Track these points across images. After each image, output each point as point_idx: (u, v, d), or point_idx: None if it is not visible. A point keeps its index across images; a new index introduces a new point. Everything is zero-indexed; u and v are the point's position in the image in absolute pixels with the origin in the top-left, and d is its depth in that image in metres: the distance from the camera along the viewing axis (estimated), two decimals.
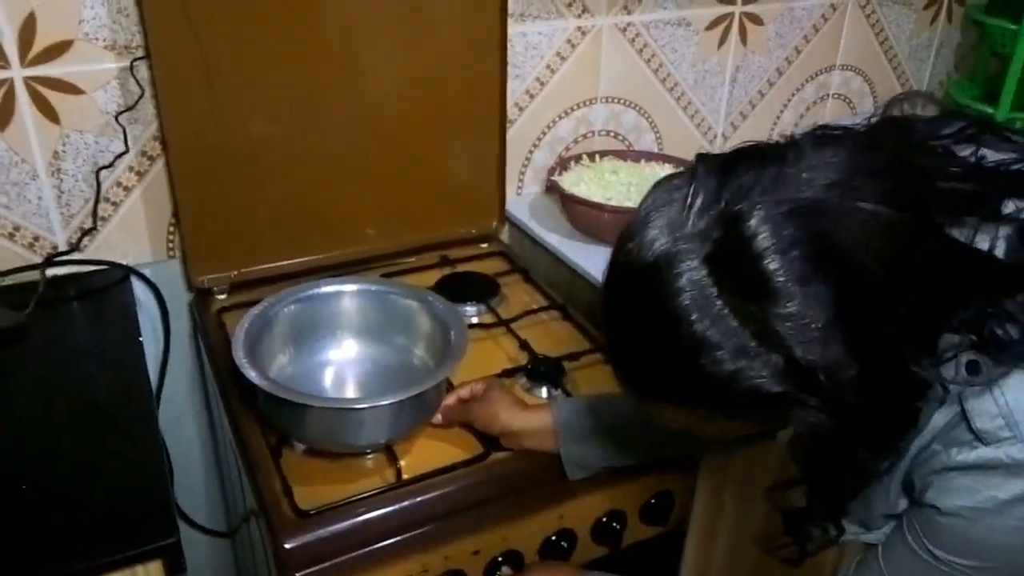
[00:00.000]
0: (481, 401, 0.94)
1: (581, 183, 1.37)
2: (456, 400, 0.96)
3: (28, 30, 1.04)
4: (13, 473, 0.85)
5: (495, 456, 0.93)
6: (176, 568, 0.81)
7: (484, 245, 1.39)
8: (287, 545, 0.83)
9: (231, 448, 1.05)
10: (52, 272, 1.16)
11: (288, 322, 0.99)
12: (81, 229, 1.18)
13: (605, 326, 0.64)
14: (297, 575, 0.83)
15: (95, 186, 1.15)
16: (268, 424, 0.95)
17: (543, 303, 1.24)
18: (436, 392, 0.92)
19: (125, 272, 1.20)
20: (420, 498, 0.88)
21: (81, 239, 1.18)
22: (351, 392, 1.03)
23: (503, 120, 1.33)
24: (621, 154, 1.47)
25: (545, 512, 0.95)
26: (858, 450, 0.63)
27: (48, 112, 1.09)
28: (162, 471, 0.87)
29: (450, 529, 0.90)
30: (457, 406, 0.96)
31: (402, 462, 0.92)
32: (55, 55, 1.07)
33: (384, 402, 0.85)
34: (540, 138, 1.47)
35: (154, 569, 0.79)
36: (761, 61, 1.62)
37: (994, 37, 1.67)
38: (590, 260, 1.27)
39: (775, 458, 1.18)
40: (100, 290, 1.18)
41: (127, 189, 1.19)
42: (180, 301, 1.25)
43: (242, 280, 1.21)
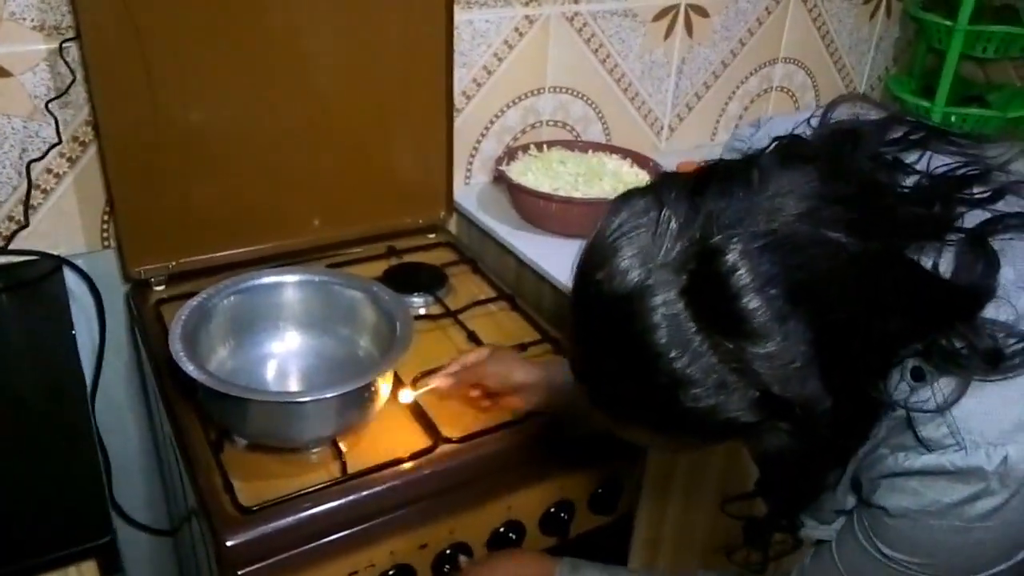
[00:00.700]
0: (493, 360, 0.94)
1: (529, 173, 1.37)
2: (461, 366, 0.96)
3: None
4: None
5: (442, 449, 0.92)
6: (111, 568, 0.78)
7: (432, 235, 1.38)
8: (228, 543, 0.81)
9: (171, 444, 1.02)
10: None
11: (228, 314, 0.96)
12: (9, 219, 1.13)
13: (574, 352, 0.64)
14: (239, 573, 0.81)
15: (24, 173, 1.11)
16: (208, 419, 0.92)
17: (491, 294, 1.23)
18: (381, 384, 0.91)
19: (57, 263, 1.16)
20: (365, 492, 0.87)
21: (10, 230, 1.13)
22: (295, 385, 1.01)
23: (450, 109, 1.32)
24: (569, 144, 1.47)
25: (493, 504, 0.95)
26: (818, 465, 0.64)
27: None
28: (96, 468, 0.84)
29: (396, 523, 0.89)
30: (469, 369, 0.95)
31: (347, 456, 0.90)
32: None
33: (328, 395, 0.84)
34: (488, 127, 1.46)
35: (88, 570, 0.77)
36: (707, 53, 1.63)
37: (930, 32, 1.72)
38: (538, 250, 1.27)
39: (720, 454, 1.20)
40: (30, 282, 1.13)
41: (58, 176, 1.14)
42: (116, 293, 1.21)
43: (181, 271, 1.18)
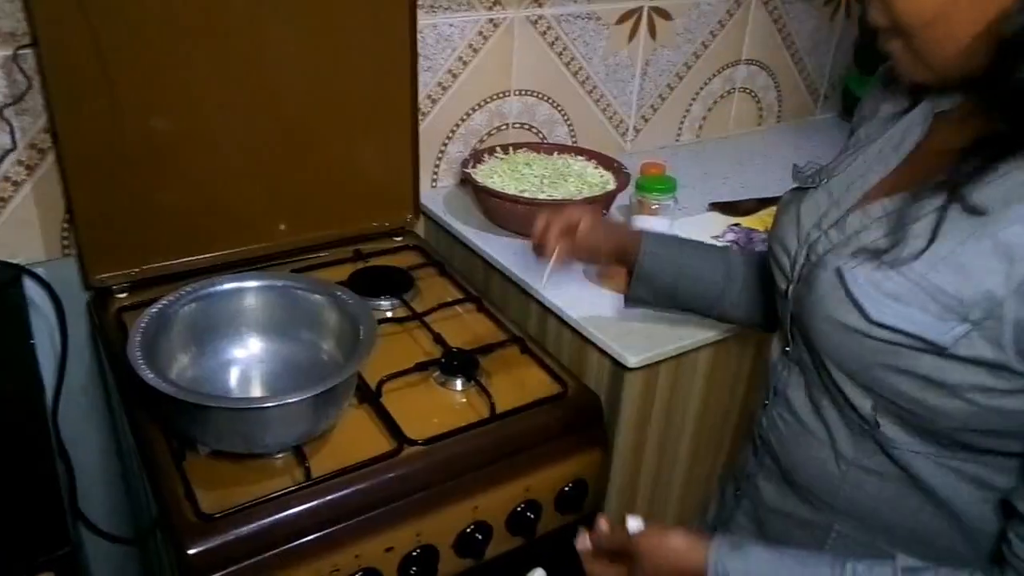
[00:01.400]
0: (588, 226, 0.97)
1: (495, 175, 1.37)
2: (558, 228, 0.97)
3: None
4: None
5: (407, 451, 0.93)
6: None
7: (398, 239, 1.38)
8: (190, 551, 0.80)
9: (134, 453, 1.01)
10: None
11: (188, 321, 0.96)
12: None
13: None
14: None
15: None
16: (170, 428, 0.91)
17: (458, 296, 1.23)
18: (345, 388, 0.91)
19: (16, 272, 1.14)
20: (330, 497, 0.87)
21: None
22: (258, 391, 1.00)
23: (415, 113, 1.32)
24: (535, 146, 1.48)
25: (459, 505, 0.95)
26: None
27: None
28: (54, 479, 0.83)
29: (362, 527, 0.89)
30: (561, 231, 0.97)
31: (311, 461, 0.90)
32: None
33: (290, 400, 0.83)
34: (454, 131, 1.47)
35: None
36: (670, 55, 1.65)
37: None
38: (505, 252, 1.28)
39: (685, 454, 1.21)
40: None
41: (16, 184, 1.13)
42: (78, 301, 1.20)
43: (144, 278, 1.17)
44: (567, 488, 1.03)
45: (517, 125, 1.53)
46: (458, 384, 1.04)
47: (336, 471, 0.89)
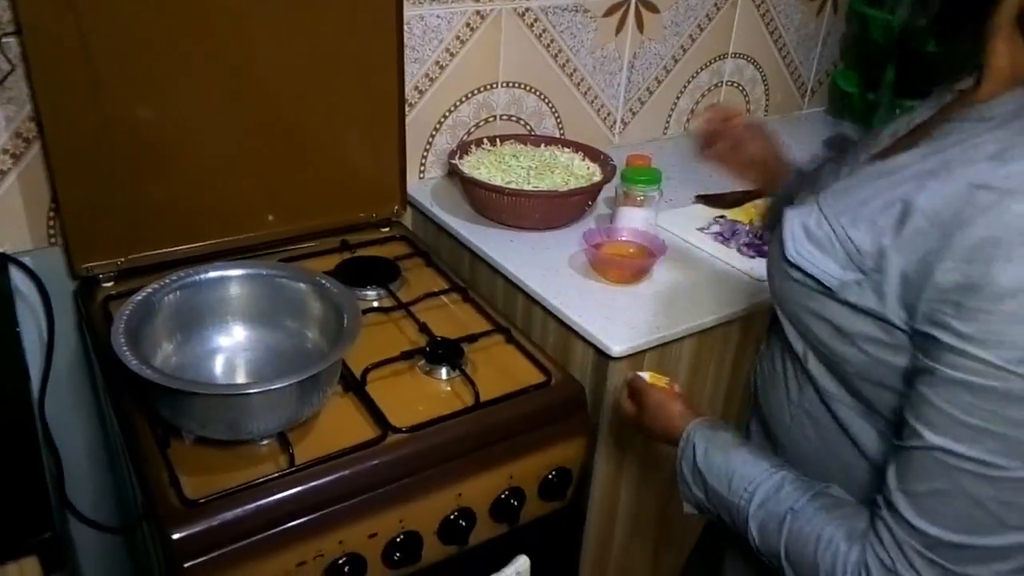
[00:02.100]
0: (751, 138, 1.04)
1: (482, 166, 1.38)
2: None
3: None
4: None
5: (391, 438, 0.93)
6: (55, 565, 0.78)
7: (385, 229, 1.38)
8: (174, 536, 0.81)
9: (119, 441, 1.02)
10: None
11: (173, 309, 0.96)
12: None
13: None
14: (186, 566, 0.81)
15: None
16: (155, 415, 0.92)
17: (444, 286, 1.24)
18: (329, 375, 0.91)
19: (2, 260, 1.14)
20: (314, 483, 0.87)
21: None
22: (242, 379, 1.01)
23: (402, 104, 1.32)
24: (522, 138, 1.48)
25: (443, 492, 0.96)
26: None
27: None
28: (41, 466, 0.83)
29: (346, 513, 0.89)
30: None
31: (296, 447, 0.90)
32: None
33: (274, 386, 0.84)
34: (441, 122, 1.47)
35: (29, 567, 0.76)
36: (657, 48, 1.66)
37: (875, 27, 1.76)
38: (491, 243, 1.28)
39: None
40: None
41: (1, 172, 1.13)
42: (64, 290, 1.20)
43: (131, 267, 1.17)
44: (551, 476, 1.04)
45: (505, 117, 1.54)
46: (443, 373, 1.05)
47: (320, 458, 0.89)
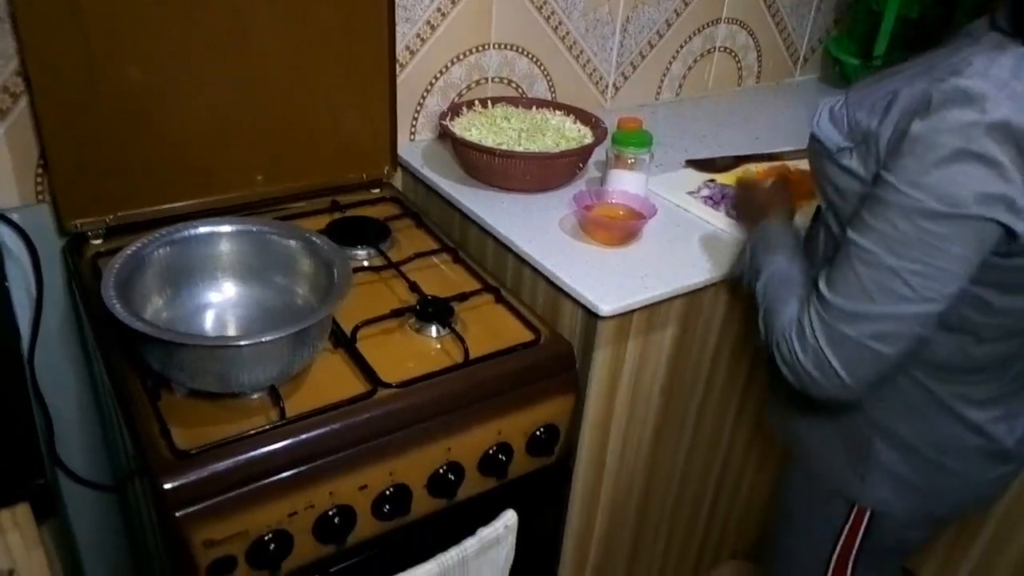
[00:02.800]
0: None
1: (473, 128, 1.37)
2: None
3: None
4: None
5: (381, 393, 0.94)
6: (47, 512, 0.79)
7: (376, 190, 1.38)
8: (165, 486, 0.81)
9: (110, 396, 1.02)
10: None
11: (163, 264, 0.96)
12: None
13: None
14: (177, 515, 0.82)
15: None
16: (146, 368, 0.92)
17: (434, 246, 1.24)
18: (319, 330, 0.92)
19: None
20: (304, 436, 0.88)
21: None
22: (232, 333, 1.01)
23: (392, 64, 1.31)
24: (513, 100, 1.48)
25: (432, 446, 0.97)
26: None
27: None
28: (30, 417, 0.84)
29: (336, 465, 0.90)
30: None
31: (286, 401, 0.91)
32: None
33: (264, 339, 0.84)
34: (432, 83, 1.46)
35: (22, 513, 0.77)
36: (650, 12, 1.65)
37: None
38: (481, 204, 1.28)
39: (656, 401, 1.23)
40: None
41: None
42: (52, 247, 1.20)
43: (119, 224, 1.17)
44: (539, 432, 1.06)
45: (496, 80, 1.53)
46: (433, 331, 1.06)
47: (310, 411, 0.90)
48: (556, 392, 1.06)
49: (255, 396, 0.93)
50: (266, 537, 0.88)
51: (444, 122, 1.37)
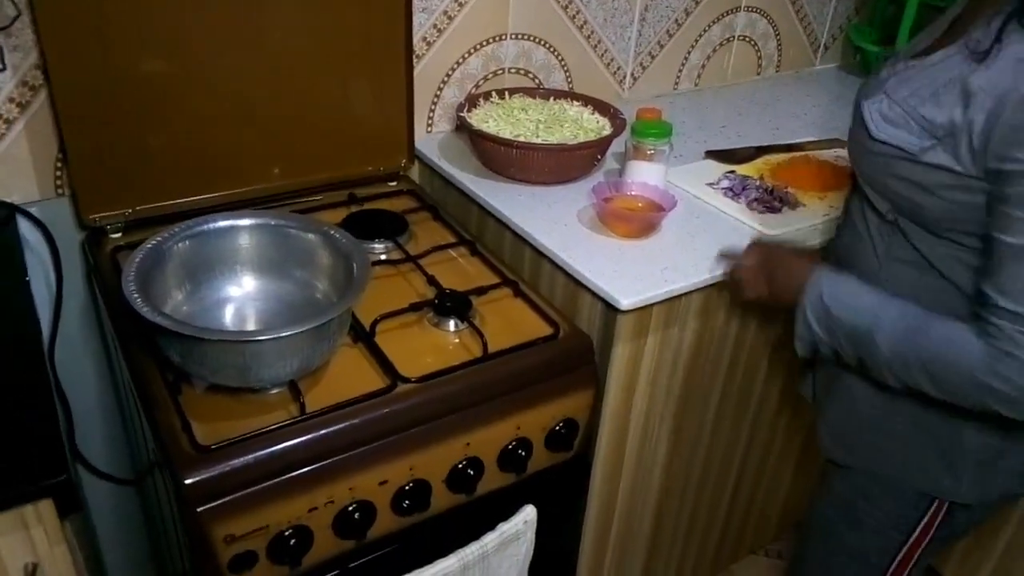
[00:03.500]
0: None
1: (490, 120, 1.36)
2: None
3: None
4: None
5: (400, 388, 0.94)
6: (69, 508, 0.79)
7: (393, 183, 1.37)
8: (187, 481, 0.82)
9: (130, 390, 1.02)
10: None
11: (182, 258, 0.96)
12: None
13: None
14: (199, 510, 0.82)
15: None
16: (166, 363, 0.92)
17: (452, 240, 1.23)
18: (339, 324, 0.92)
19: (9, 211, 1.14)
20: (324, 431, 0.88)
21: None
22: (252, 328, 1.01)
23: (409, 55, 1.30)
24: (531, 91, 1.46)
25: (452, 441, 0.97)
26: None
27: None
28: (52, 412, 0.84)
29: (356, 460, 0.90)
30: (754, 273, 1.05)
31: (306, 396, 0.91)
32: None
33: (285, 333, 0.84)
34: (449, 74, 1.45)
35: (46, 509, 0.77)
36: (669, 1, 1.63)
37: None
38: (499, 196, 1.28)
39: (676, 395, 1.23)
40: None
41: (8, 122, 1.12)
42: (72, 240, 1.20)
43: (138, 218, 1.17)
44: (558, 427, 1.05)
45: (513, 70, 1.51)
46: (451, 325, 1.05)
47: (330, 406, 0.90)
48: (575, 387, 1.05)
49: (275, 391, 0.93)
50: (286, 532, 0.88)
51: (461, 114, 1.36)
